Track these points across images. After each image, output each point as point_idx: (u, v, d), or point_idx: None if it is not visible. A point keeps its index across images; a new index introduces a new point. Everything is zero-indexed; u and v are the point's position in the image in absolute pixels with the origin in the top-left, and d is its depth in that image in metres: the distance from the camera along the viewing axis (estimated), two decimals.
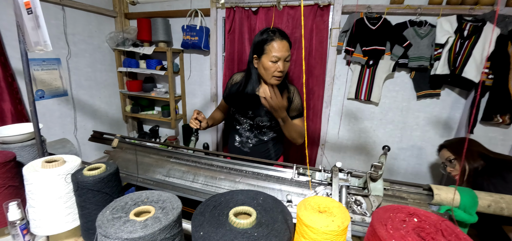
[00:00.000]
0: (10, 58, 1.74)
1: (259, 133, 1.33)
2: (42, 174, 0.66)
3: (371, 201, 0.78)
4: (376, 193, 0.79)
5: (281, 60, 1.13)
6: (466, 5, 1.62)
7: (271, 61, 1.13)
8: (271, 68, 1.14)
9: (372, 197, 0.79)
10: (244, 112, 1.31)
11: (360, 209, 0.76)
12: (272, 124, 1.30)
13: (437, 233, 0.47)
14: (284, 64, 1.15)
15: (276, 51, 1.11)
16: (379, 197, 0.79)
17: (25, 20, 0.69)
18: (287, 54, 1.13)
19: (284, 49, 1.12)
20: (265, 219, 0.44)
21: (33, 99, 0.78)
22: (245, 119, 1.32)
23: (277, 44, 1.12)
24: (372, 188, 0.79)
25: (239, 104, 1.30)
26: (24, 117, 1.82)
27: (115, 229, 0.47)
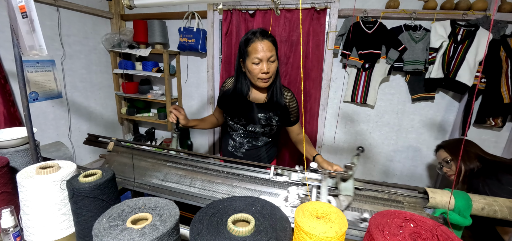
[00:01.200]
0: (3, 60, 1.71)
1: (253, 139, 1.30)
2: (36, 180, 0.65)
3: (341, 200, 0.80)
4: (347, 193, 0.81)
5: (264, 60, 1.08)
6: (460, 10, 1.65)
7: (253, 63, 1.09)
8: (255, 70, 1.10)
9: (342, 197, 0.80)
10: (236, 118, 1.27)
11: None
12: (265, 131, 1.26)
13: (433, 238, 0.48)
14: (269, 65, 1.09)
15: (257, 52, 1.07)
16: (349, 197, 0.80)
17: (20, 24, 0.68)
18: (270, 54, 1.08)
19: (266, 49, 1.07)
20: (264, 226, 0.44)
21: (27, 104, 0.76)
22: (238, 125, 1.29)
23: (258, 45, 1.07)
24: (343, 188, 0.81)
25: (231, 111, 1.26)
26: (17, 119, 1.79)
27: (112, 237, 0.47)
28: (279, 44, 2.01)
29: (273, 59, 1.10)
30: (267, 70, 1.09)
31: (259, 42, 1.07)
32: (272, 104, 1.20)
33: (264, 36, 1.08)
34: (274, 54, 1.09)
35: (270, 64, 1.10)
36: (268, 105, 1.21)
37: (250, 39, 1.09)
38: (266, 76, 1.10)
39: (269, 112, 1.22)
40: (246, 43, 1.11)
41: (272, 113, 1.22)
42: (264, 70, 1.08)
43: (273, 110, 1.21)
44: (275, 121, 1.23)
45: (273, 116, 1.22)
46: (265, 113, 1.22)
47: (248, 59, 1.11)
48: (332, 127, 2.18)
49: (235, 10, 1.99)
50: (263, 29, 1.11)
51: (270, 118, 1.23)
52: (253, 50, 1.08)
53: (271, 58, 1.09)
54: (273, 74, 1.13)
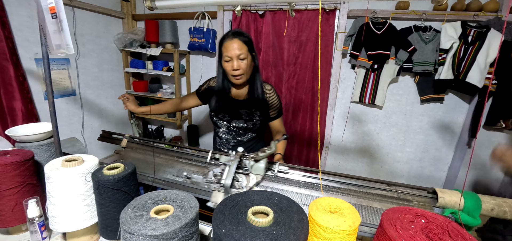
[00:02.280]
0: (21, 58, 1.77)
1: (237, 135, 1.34)
2: (63, 172, 0.69)
3: (250, 178, 0.89)
4: (257, 172, 0.91)
5: (234, 58, 1.14)
6: (471, 11, 1.64)
7: (225, 61, 1.16)
8: (227, 68, 1.17)
9: (252, 175, 0.90)
10: (221, 115, 1.33)
11: (238, 183, 0.88)
12: (248, 126, 1.30)
13: (444, 234, 0.49)
14: (239, 62, 1.15)
15: (227, 51, 1.14)
16: (259, 176, 0.90)
17: (48, 24, 0.72)
18: (239, 52, 1.13)
19: (235, 47, 1.13)
20: (281, 218, 0.47)
21: (53, 100, 0.81)
22: (222, 122, 1.34)
23: (228, 44, 1.14)
24: (255, 168, 0.91)
25: (215, 107, 1.32)
26: (34, 116, 1.85)
27: (139, 226, 0.50)
28: (288, 45, 2.03)
29: (243, 56, 1.15)
30: (237, 67, 1.14)
31: (230, 41, 1.14)
32: (253, 99, 1.25)
33: (235, 35, 1.15)
34: (244, 52, 1.15)
35: (240, 61, 1.15)
36: (249, 101, 1.26)
37: (223, 39, 1.17)
38: (237, 72, 1.16)
39: (251, 108, 1.27)
40: (220, 43, 1.19)
41: (253, 109, 1.27)
42: (234, 67, 1.14)
43: (254, 105, 1.26)
44: (257, 115, 1.28)
45: (254, 111, 1.27)
46: (247, 109, 1.27)
47: (222, 58, 1.18)
48: (340, 127, 2.19)
49: (245, 10, 2.02)
50: (237, 30, 1.18)
51: (252, 113, 1.28)
52: (225, 49, 1.15)
53: (241, 56, 1.14)
54: (246, 71, 1.18)
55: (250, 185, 0.88)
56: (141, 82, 2.59)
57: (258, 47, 2.09)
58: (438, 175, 2.05)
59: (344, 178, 0.92)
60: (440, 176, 2.05)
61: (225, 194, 0.84)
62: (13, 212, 0.81)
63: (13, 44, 1.70)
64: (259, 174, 0.91)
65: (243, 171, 0.91)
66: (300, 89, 2.09)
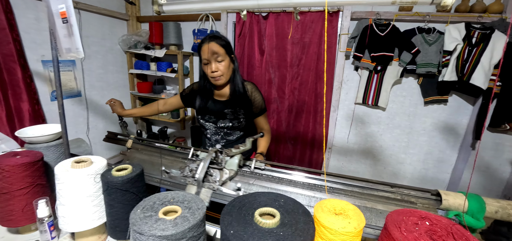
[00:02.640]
0: (29, 60, 1.80)
1: (225, 134, 1.36)
2: (72, 173, 0.70)
3: (223, 172, 0.93)
4: (230, 167, 0.95)
5: (212, 61, 1.17)
6: (475, 13, 1.64)
7: (204, 64, 1.20)
8: (206, 70, 1.20)
9: (226, 170, 0.94)
10: (207, 116, 1.36)
11: (211, 178, 0.92)
12: (234, 125, 1.33)
13: (448, 236, 0.50)
14: (218, 64, 1.18)
15: (204, 54, 1.17)
16: (232, 171, 0.94)
17: (59, 28, 0.74)
18: (216, 55, 1.16)
19: (212, 50, 1.16)
20: (288, 219, 0.48)
21: (62, 103, 0.82)
22: (208, 123, 1.37)
23: (205, 47, 1.17)
24: (229, 164, 0.96)
25: (200, 109, 1.35)
26: (40, 117, 1.88)
27: (149, 227, 0.51)
28: (291, 46, 2.04)
29: (221, 58, 1.18)
30: (215, 69, 1.18)
31: (206, 44, 1.16)
32: (235, 98, 1.28)
33: (212, 39, 1.18)
34: (221, 54, 1.17)
35: (218, 63, 1.18)
36: (232, 101, 1.29)
37: (201, 43, 1.20)
38: (215, 74, 1.19)
39: (234, 107, 1.30)
40: (198, 48, 1.22)
41: (237, 107, 1.30)
42: (212, 69, 1.17)
43: (237, 104, 1.29)
44: (241, 114, 1.31)
45: (238, 110, 1.30)
46: (230, 108, 1.30)
47: (201, 62, 1.22)
48: (343, 129, 2.19)
49: (248, 12, 2.03)
50: (214, 33, 1.21)
51: (237, 112, 1.30)
52: (203, 53, 1.18)
53: (219, 58, 1.17)
54: (224, 72, 1.20)
55: (223, 179, 0.92)
56: (145, 83, 2.61)
57: (262, 49, 2.10)
58: (441, 177, 2.05)
59: (348, 180, 0.93)
60: (443, 178, 2.04)
61: (198, 187, 0.88)
62: (23, 212, 0.83)
63: (21, 46, 1.73)
64: (232, 169, 0.95)
65: (217, 166, 0.95)
66: (303, 91, 2.10)
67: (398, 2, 0.51)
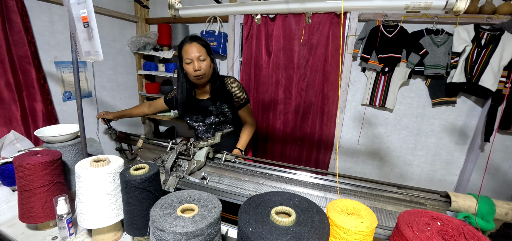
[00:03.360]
0: (42, 62, 1.85)
1: (216, 131, 1.40)
2: (92, 172, 0.73)
3: (191, 163, 1.01)
4: (198, 158, 1.03)
5: (194, 60, 1.22)
6: (484, 14, 1.63)
7: (186, 64, 1.24)
8: (189, 69, 1.24)
9: (194, 161, 1.02)
10: (194, 117, 1.40)
11: (180, 168, 1.01)
12: (221, 119, 1.37)
13: (460, 236, 0.51)
14: (199, 63, 1.23)
15: (186, 54, 1.22)
16: (200, 162, 1.03)
17: (79, 32, 0.77)
18: (198, 54, 1.22)
19: (194, 50, 1.21)
20: (303, 218, 0.50)
21: (80, 103, 0.85)
22: (197, 123, 1.42)
23: (186, 48, 1.22)
24: (197, 155, 1.04)
25: (186, 111, 1.40)
26: (53, 117, 1.93)
27: (169, 224, 0.53)
28: (298, 47, 2.05)
29: (202, 58, 1.23)
30: (198, 67, 1.22)
31: (189, 45, 1.22)
32: (216, 94, 1.33)
33: (193, 39, 1.24)
34: (203, 54, 1.23)
35: (200, 62, 1.23)
36: (213, 97, 1.34)
37: (182, 43, 1.25)
38: (198, 73, 1.23)
39: (217, 103, 1.35)
40: (180, 48, 1.27)
41: (219, 102, 1.35)
42: (196, 68, 1.22)
43: (219, 99, 1.34)
44: (225, 107, 1.36)
45: (222, 104, 1.35)
46: (214, 105, 1.35)
47: (183, 61, 1.26)
48: (349, 130, 2.19)
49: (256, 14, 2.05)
50: (194, 35, 1.29)
51: (221, 107, 1.35)
52: (185, 53, 1.23)
53: (201, 57, 1.23)
54: (206, 71, 1.26)
55: (190, 169, 0.99)
56: (153, 84, 2.65)
57: (269, 50, 2.12)
58: (449, 178, 2.04)
59: (357, 181, 0.94)
60: (452, 180, 2.03)
61: (166, 175, 0.97)
62: (43, 209, 0.86)
63: (35, 48, 1.78)
64: (200, 160, 1.02)
65: (186, 157, 1.03)
66: (310, 92, 2.11)
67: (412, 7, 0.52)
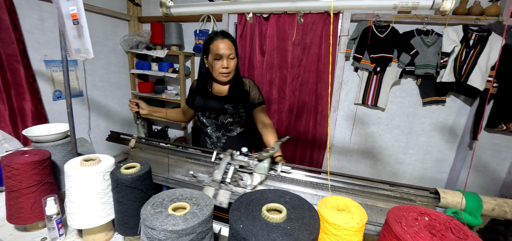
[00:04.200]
0: (32, 60, 1.81)
1: (226, 131, 1.38)
2: (82, 171, 0.72)
3: (254, 177, 0.92)
4: (260, 171, 0.93)
5: (224, 57, 1.21)
6: (472, 15, 1.67)
7: (215, 59, 1.22)
8: (216, 65, 1.23)
9: (256, 174, 0.92)
10: (207, 113, 1.37)
11: (242, 182, 0.91)
12: (235, 120, 1.35)
13: (446, 231, 0.52)
14: (229, 61, 1.22)
15: (218, 49, 1.20)
16: (263, 175, 0.93)
17: (68, 29, 0.76)
18: (229, 52, 1.21)
19: (226, 47, 1.20)
20: (294, 215, 0.50)
21: (70, 102, 0.84)
22: (209, 120, 1.39)
23: (218, 43, 1.20)
24: (258, 167, 0.93)
25: (200, 106, 1.37)
26: (43, 116, 1.89)
27: (160, 222, 0.53)
28: (292, 47, 2.06)
29: (232, 56, 1.23)
30: (227, 65, 1.22)
31: (221, 40, 1.20)
32: (234, 94, 1.31)
33: (225, 36, 1.22)
34: (233, 52, 1.23)
35: (229, 60, 1.23)
36: (231, 96, 1.32)
37: (213, 38, 1.22)
38: (227, 71, 1.23)
39: (234, 101, 1.32)
40: (209, 41, 1.24)
41: (236, 101, 1.33)
42: (225, 65, 1.21)
43: (237, 99, 1.32)
44: (241, 108, 1.33)
45: (238, 104, 1.33)
46: (230, 103, 1.32)
47: (210, 55, 1.24)
48: (343, 129, 2.22)
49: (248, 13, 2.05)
50: (224, 31, 1.25)
51: (237, 106, 1.33)
52: (215, 47, 1.20)
53: (231, 56, 1.22)
54: (233, 70, 1.26)
55: (254, 183, 0.91)
56: (146, 83, 2.63)
57: (263, 50, 2.13)
58: (440, 176, 2.08)
59: (349, 179, 0.95)
60: (442, 177, 2.07)
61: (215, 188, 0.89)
62: (31, 210, 0.84)
63: (24, 46, 1.74)
64: (263, 173, 0.93)
65: (247, 170, 0.94)
66: (304, 91, 2.12)
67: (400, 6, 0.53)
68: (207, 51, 1.26)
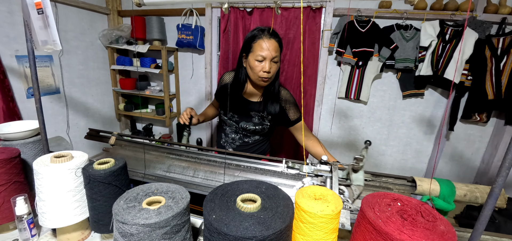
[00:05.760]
0: (2, 55, 1.71)
1: (244, 136, 1.29)
2: (52, 168, 0.69)
3: (353, 190, 0.84)
4: (358, 183, 0.86)
5: (267, 59, 1.07)
6: (448, 11, 1.73)
7: (257, 60, 1.08)
8: (257, 68, 1.09)
9: (354, 187, 0.85)
10: (230, 113, 1.27)
11: (343, 197, 0.82)
12: (257, 129, 1.24)
13: (417, 215, 0.54)
14: (271, 65, 1.09)
15: (262, 50, 1.06)
16: (360, 187, 0.86)
17: (33, 20, 0.71)
18: (274, 55, 1.07)
19: (272, 48, 1.06)
20: (268, 204, 0.50)
21: (39, 97, 0.80)
22: (231, 121, 1.28)
23: (264, 43, 1.06)
24: (354, 179, 0.86)
25: (226, 105, 1.26)
26: (16, 114, 1.80)
27: (132, 216, 0.52)
28: None
29: (276, 60, 1.10)
30: (269, 69, 1.08)
31: (267, 40, 1.06)
32: (267, 104, 1.19)
33: (273, 36, 1.08)
34: (278, 55, 1.10)
35: (272, 64, 1.09)
36: (263, 105, 1.21)
37: (257, 35, 1.08)
38: (267, 75, 1.10)
39: (263, 112, 1.21)
40: (252, 38, 1.09)
41: (266, 113, 1.21)
42: (266, 69, 1.08)
43: (267, 110, 1.20)
44: (268, 120, 1.23)
45: (266, 116, 1.22)
46: (258, 112, 1.22)
47: (251, 55, 1.10)
48: (327, 122, 2.25)
49: (233, 7, 2.03)
50: (271, 28, 1.09)
51: (264, 118, 1.22)
52: (259, 47, 1.07)
53: (275, 59, 1.09)
54: (274, 74, 1.13)
55: (354, 197, 0.82)
56: (128, 79, 2.55)
57: None
58: (419, 166, 2.16)
59: None
60: (421, 167, 2.15)
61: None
62: (0, 211, 0.80)
63: None
64: (360, 185, 0.86)
65: (344, 183, 0.86)
66: (288, 86, 2.13)
67: None
68: (248, 49, 1.10)
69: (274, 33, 1.09)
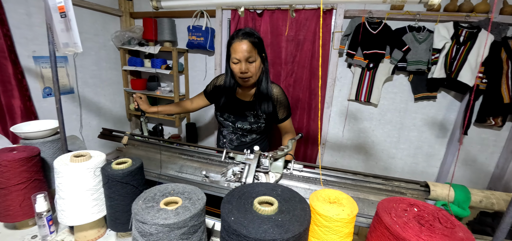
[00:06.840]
0: (20, 56, 1.77)
1: (241, 136, 1.33)
2: (72, 167, 0.71)
3: (270, 177, 0.91)
4: (276, 171, 0.92)
5: (242, 61, 1.10)
6: (462, 12, 1.70)
7: (233, 63, 1.13)
8: (235, 69, 1.13)
9: (272, 174, 0.91)
10: (226, 114, 1.31)
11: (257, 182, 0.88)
12: (253, 128, 1.28)
13: (434, 221, 0.54)
14: (247, 65, 1.11)
15: (235, 53, 1.10)
16: (278, 174, 0.92)
17: (56, 23, 0.74)
18: (247, 55, 1.09)
19: (244, 49, 1.08)
20: (285, 207, 0.51)
21: (59, 97, 0.83)
22: (227, 122, 1.32)
23: (236, 45, 1.09)
24: (274, 166, 0.92)
25: (221, 106, 1.30)
26: (32, 113, 1.85)
27: (151, 216, 0.53)
28: (286, 43, 2.06)
29: (252, 59, 1.11)
30: (245, 69, 1.11)
31: (239, 42, 1.09)
32: (259, 102, 1.22)
33: (245, 36, 1.10)
34: (253, 54, 1.10)
35: (248, 64, 1.12)
36: (255, 103, 1.24)
37: (232, 39, 1.12)
38: (245, 75, 1.13)
39: (257, 110, 1.24)
40: (228, 44, 1.15)
41: (259, 111, 1.24)
42: (243, 69, 1.11)
43: (260, 108, 1.23)
44: (262, 118, 1.26)
45: (260, 114, 1.25)
46: (252, 110, 1.25)
47: (230, 59, 1.15)
48: (336, 125, 2.23)
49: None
50: (247, 30, 1.12)
51: (258, 116, 1.25)
52: (233, 51, 1.11)
53: (250, 59, 1.11)
54: (255, 73, 1.15)
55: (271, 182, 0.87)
56: (139, 80, 2.59)
57: None
58: (431, 171, 2.12)
59: (342, 173, 0.96)
60: (433, 171, 2.11)
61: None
62: (20, 207, 0.83)
63: (12, 42, 1.70)
64: (278, 172, 0.91)
65: (262, 170, 0.91)
66: (297, 87, 2.13)
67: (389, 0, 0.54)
68: (228, 54, 1.16)
69: (248, 33, 1.11)
